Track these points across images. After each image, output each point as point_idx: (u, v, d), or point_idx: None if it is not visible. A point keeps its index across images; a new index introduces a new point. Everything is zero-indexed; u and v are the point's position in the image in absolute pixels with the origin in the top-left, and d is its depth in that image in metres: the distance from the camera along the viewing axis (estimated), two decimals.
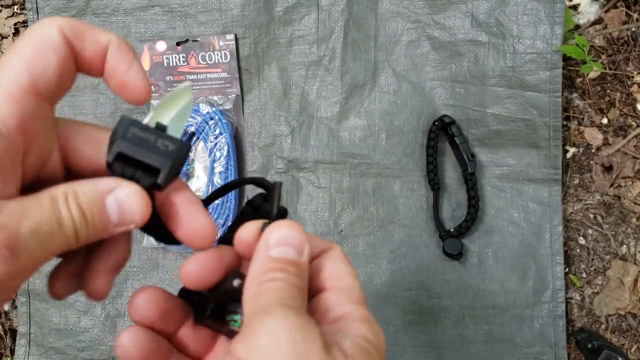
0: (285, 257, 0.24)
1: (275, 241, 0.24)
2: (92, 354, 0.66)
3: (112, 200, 0.22)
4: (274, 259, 0.24)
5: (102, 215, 0.22)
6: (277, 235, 0.24)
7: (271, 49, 0.66)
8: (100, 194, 0.22)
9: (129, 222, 0.23)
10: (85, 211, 0.22)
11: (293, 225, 0.25)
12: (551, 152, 0.64)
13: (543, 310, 0.63)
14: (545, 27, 0.62)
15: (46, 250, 0.21)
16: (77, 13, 0.68)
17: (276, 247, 0.24)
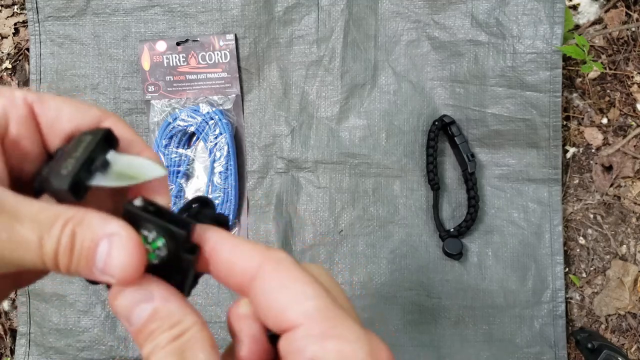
0: (142, 320, 0.21)
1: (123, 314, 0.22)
2: (92, 353, 0.66)
3: (104, 247, 0.21)
4: (137, 331, 0.22)
5: (90, 254, 0.21)
6: (119, 308, 0.22)
7: (271, 49, 0.66)
8: (100, 234, 0.21)
9: (110, 275, 0.21)
10: (77, 242, 0.20)
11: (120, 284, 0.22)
12: (551, 152, 0.64)
13: (543, 310, 0.63)
14: (545, 27, 0.62)
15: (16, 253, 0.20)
16: (77, 13, 0.68)
17: (129, 317, 0.22)
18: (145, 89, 0.67)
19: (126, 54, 0.68)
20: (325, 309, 0.21)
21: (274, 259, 0.23)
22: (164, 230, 0.22)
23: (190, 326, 0.22)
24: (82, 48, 0.68)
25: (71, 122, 0.23)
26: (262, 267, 0.22)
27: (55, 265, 0.20)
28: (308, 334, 0.21)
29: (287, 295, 0.22)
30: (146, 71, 0.67)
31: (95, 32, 0.68)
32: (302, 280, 0.22)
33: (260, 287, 0.22)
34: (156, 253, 0.22)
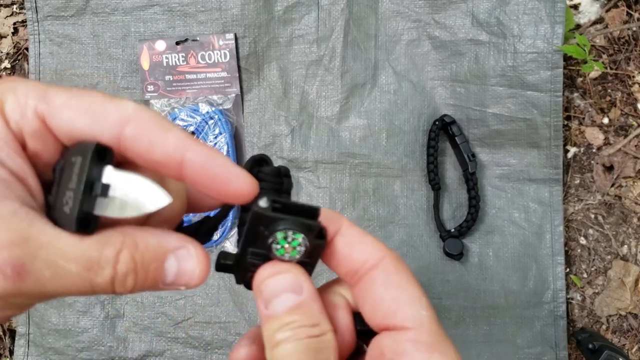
0: (283, 308, 0.22)
1: (267, 295, 0.23)
2: (91, 354, 0.66)
3: (173, 262, 0.21)
4: (273, 316, 0.22)
5: (157, 273, 0.21)
6: (266, 287, 0.23)
7: (271, 49, 0.66)
8: (164, 252, 0.21)
9: (183, 284, 0.22)
10: (139, 266, 0.20)
11: (276, 266, 0.23)
12: (552, 152, 0.64)
13: (544, 310, 0.63)
14: (546, 26, 0.62)
15: (61, 287, 0.19)
16: (76, 12, 0.68)
17: (270, 301, 0.22)
18: (144, 89, 0.67)
19: (125, 54, 0.68)
20: (436, 323, 0.22)
21: (395, 256, 0.24)
22: (300, 226, 0.22)
23: (327, 331, 0.22)
24: (82, 47, 0.68)
25: (88, 133, 0.21)
26: (385, 261, 0.23)
27: (112, 290, 0.20)
28: (417, 340, 0.22)
29: (404, 296, 0.22)
30: (145, 71, 0.67)
31: (94, 32, 0.68)
32: (418, 287, 0.23)
33: (379, 278, 0.23)
34: (297, 249, 0.22)
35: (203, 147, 0.20)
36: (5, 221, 0.18)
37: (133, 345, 0.65)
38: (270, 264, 0.23)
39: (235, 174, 0.21)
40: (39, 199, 0.21)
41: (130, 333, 0.66)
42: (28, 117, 0.20)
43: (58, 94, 0.20)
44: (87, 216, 0.20)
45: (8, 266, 0.18)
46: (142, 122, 0.20)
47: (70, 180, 0.20)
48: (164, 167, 0.20)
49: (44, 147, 0.21)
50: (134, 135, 0.20)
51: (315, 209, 0.23)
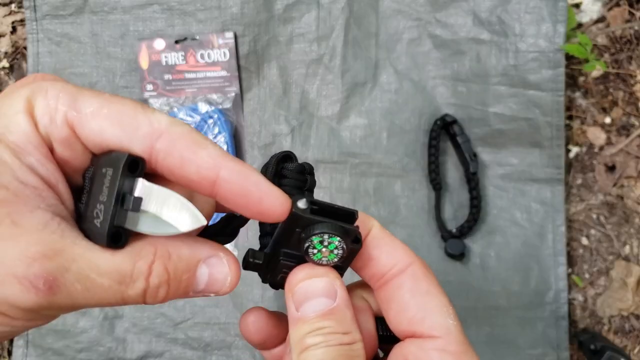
0: (315, 313, 0.22)
1: (300, 297, 0.22)
2: (90, 354, 0.65)
3: (204, 270, 0.21)
4: (305, 319, 0.22)
5: (190, 282, 0.21)
6: (300, 290, 0.22)
7: (271, 47, 0.66)
8: (197, 261, 0.21)
9: (214, 292, 0.21)
10: (172, 277, 0.20)
11: (312, 268, 0.22)
12: (554, 152, 0.63)
13: (546, 311, 0.63)
14: (548, 25, 0.62)
15: (92, 300, 0.19)
16: (75, 11, 0.67)
17: (303, 304, 0.22)
18: (143, 88, 0.67)
19: (124, 53, 0.67)
20: (462, 333, 0.23)
21: (423, 262, 0.23)
22: (338, 230, 0.22)
23: (358, 340, 0.22)
24: (80, 46, 0.68)
25: (118, 144, 0.20)
26: (413, 267, 0.23)
27: (143, 301, 0.20)
28: (443, 349, 0.22)
29: (432, 304, 0.22)
30: (144, 70, 0.66)
31: (93, 31, 0.67)
32: (445, 295, 0.23)
33: (406, 283, 0.23)
34: (335, 253, 0.22)
35: (236, 165, 0.20)
36: (37, 233, 0.18)
37: (132, 345, 0.65)
38: (307, 267, 0.23)
39: (268, 193, 0.20)
40: (70, 206, 0.21)
41: (130, 334, 0.65)
42: (57, 124, 0.20)
43: (89, 101, 0.20)
44: (118, 231, 0.20)
45: (40, 280, 0.18)
46: (175, 137, 0.20)
47: (101, 192, 0.20)
48: (196, 185, 0.20)
49: (72, 155, 0.20)
50: (165, 150, 0.20)
51: (353, 212, 0.23)
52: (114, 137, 0.20)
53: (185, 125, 0.20)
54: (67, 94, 0.20)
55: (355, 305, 0.24)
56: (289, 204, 0.21)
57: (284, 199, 0.21)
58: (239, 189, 0.20)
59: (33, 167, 0.19)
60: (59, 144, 0.20)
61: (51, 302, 0.18)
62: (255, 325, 0.25)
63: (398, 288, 0.23)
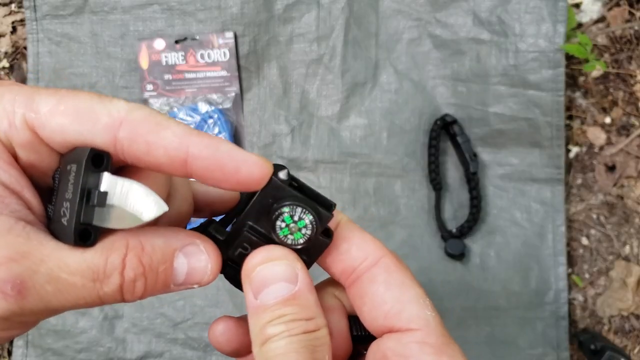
0: (275, 299, 0.20)
1: (258, 283, 0.21)
2: (90, 355, 0.65)
3: (182, 260, 0.20)
4: (264, 307, 0.20)
5: (167, 274, 0.20)
6: (258, 275, 0.21)
7: (271, 47, 0.66)
8: (172, 251, 0.20)
9: (195, 282, 0.20)
10: (148, 269, 0.19)
11: (270, 250, 0.21)
12: (554, 152, 0.63)
13: (546, 311, 0.63)
14: (548, 25, 0.62)
15: (66, 301, 0.18)
16: (75, 11, 0.67)
17: (262, 290, 0.20)
18: (143, 88, 0.67)
19: (124, 53, 0.67)
20: (441, 325, 0.21)
21: (395, 255, 0.22)
22: (312, 207, 0.20)
23: (323, 325, 0.21)
24: (80, 46, 0.68)
25: (81, 140, 0.19)
26: (385, 259, 0.22)
27: (121, 298, 0.19)
28: (423, 342, 0.21)
29: (408, 296, 0.21)
30: (144, 70, 0.66)
31: (93, 31, 0.67)
32: (420, 287, 0.22)
33: (379, 277, 0.21)
34: (302, 232, 0.21)
35: (204, 138, 0.19)
36: (1, 237, 0.18)
37: (132, 346, 0.65)
38: (265, 248, 0.21)
39: (244, 160, 0.19)
40: (38, 211, 0.20)
41: (129, 334, 0.65)
42: (17, 127, 0.19)
43: (45, 100, 0.19)
44: (86, 228, 0.19)
45: (8, 284, 0.17)
46: (136, 123, 0.19)
47: (67, 190, 0.19)
48: (167, 167, 0.19)
49: (38, 157, 0.20)
50: (129, 138, 0.19)
51: (332, 202, 0.21)
52: (75, 133, 0.19)
53: (144, 108, 0.19)
54: (23, 96, 0.19)
55: (327, 304, 0.23)
56: (270, 167, 0.20)
57: (263, 162, 0.20)
58: (212, 163, 0.19)
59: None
60: (21, 148, 0.19)
61: (22, 307, 0.18)
62: (225, 336, 0.24)
63: (371, 282, 0.21)
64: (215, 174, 0.19)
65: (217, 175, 0.19)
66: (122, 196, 0.19)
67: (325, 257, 0.23)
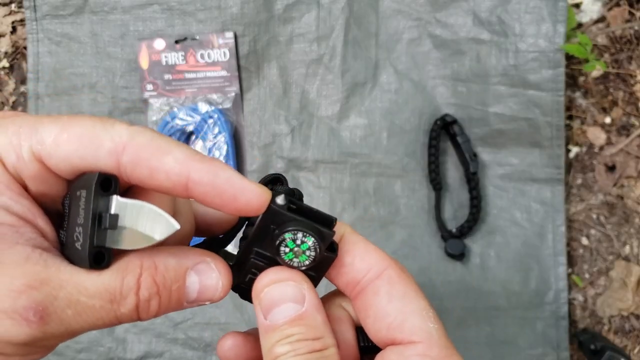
0: (283, 320, 0.21)
1: (267, 304, 0.21)
2: (90, 355, 0.65)
3: (194, 278, 0.21)
4: (273, 327, 0.21)
5: (180, 292, 0.20)
6: (266, 296, 0.21)
7: (271, 47, 0.66)
8: (184, 269, 0.20)
9: (207, 299, 0.21)
10: (162, 288, 0.20)
11: (277, 272, 0.22)
12: (554, 152, 0.63)
13: (546, 311, 0.63)
14: (548, 25, 0.62)
15: (86, 323, 0.19)
16: (75, 11, 0.67)
17: (271, 310, 0.21)
18: (143, 88, 0.67)
19: (124, 53, 0.67)
20: (445, 337, 0.21)
21: (399, 266, 0.22)
22: (312, 229, 0.21)
23: (330, 345, 0.21)
24: (80, 46, 0.68)
25: (85, 166, 0.20)
26: (388, 271, 0.22)
27: (137, 317, 0.20)
28: (425, 355, 0.20)
29: (411, 306, 0.21)
30: (144, 70, 0.66)
31: (93, 31, 0.67)
32: (424, 298, 0.22)
33: (383, 289, 0.21)
34: (306, 254, 0.21)
35: (205, 164, 0.19)
36: (19, 266, 0.18)
37: (132, 346, 0.65)
38: (272, 270, 0.22)
39: (242, 188, 0.20)
40: (52, 237, 0.20)
41: (129, 334, 0.65)
42: (25, 160, 0.19)
43: (48, 129, 0.19)
44: (100, 250, 0.19)
45: (30, 312, 0.18)
46: (138, 148, 0.19)
47: (78, 215, 0.19)
48: (170, 190, 0.20)
49: (47, 186, 0.20)
50: (132, 162, 0.19)
51: (332, 218, 0.22)
52: (80, 160, 0.19)
53: (147, 132, 0.20)
54: (27, 127, 0.19)
55: (334, 315, 0.23)
56: (268, 196, 0.21)
57: (261, 191, 0.20)
58: (211, 189, 0.19)
59: (7, 207, 0.19)
60: (31, 179, 0.20)
61: (45, 332, 0.18)
62: (233, 351, 0.24)
63: (374, 294, 0.22)
64: (215, 200, 0.20)
65: (217, 201, 0.20)
66: (133, 217, 0.20)
67: (331, 270, 0.23)
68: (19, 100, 0.72)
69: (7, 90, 0.73)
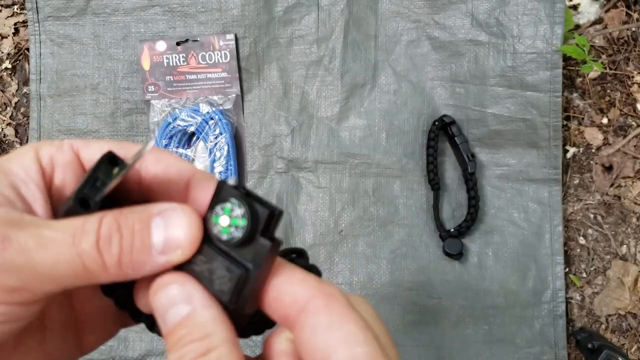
0: (174, 322, 0.20)
1: (160, 311, 0.20)
2: (92, 354, 0.66)
3: (160, 223, 0.20)
4: (169, 332, 0.20)
5: (144, 235, 0.20)
6: (157, 303, 0.20)
7: (271, 49, 0.66)
8: (149, 214, 0.20)
9: (176, 247, 0.20)
10: (123, 226, 0.19)
11: (162, 278, 0.20)
12: (551, 152, 0.64)
13: (543, 310, 0.63)
14: (546, 27, 0.62)
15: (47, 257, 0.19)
16: (77, 13, 0.68)
17: (164, 317, 0.20)
18: (145, 89, 0.67)
19: (126, 54, 0.68)
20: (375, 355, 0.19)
21: (326, 293, 0.20)
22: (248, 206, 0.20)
23: (219, 343, 0.19)
24: (82, 48, 0.68)
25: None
26: (313, 301, 0.20)
27: (101, 262, 0.19)
28: None
29: (336, 336, 0.20)
30: (146, 71, 0.67)
31: (95, 32, 0.68)
32: (353, 322, 0.20)
33: (307, 322, 0.20)
34: (231, 230, 0.20)
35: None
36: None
37: (134, 344, 0.66)
38: (158, 277, 0.20)
39: None
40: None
41: (131, 332, 0.66)
42: (64, 151, 0.22)
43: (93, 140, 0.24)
44: (86, 197, 0.20)
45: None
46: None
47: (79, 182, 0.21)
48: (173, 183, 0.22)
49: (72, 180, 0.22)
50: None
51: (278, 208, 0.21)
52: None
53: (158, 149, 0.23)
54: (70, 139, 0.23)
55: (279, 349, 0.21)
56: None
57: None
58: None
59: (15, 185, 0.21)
60: (61, 168, 0.22)
61: (4, 259, 0.18)
62: None
63: (301, 330, 0.20)
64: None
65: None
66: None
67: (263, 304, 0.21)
68: (22, 101, 0.73)
69: (9, 92, 0.73)
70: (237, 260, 0.20)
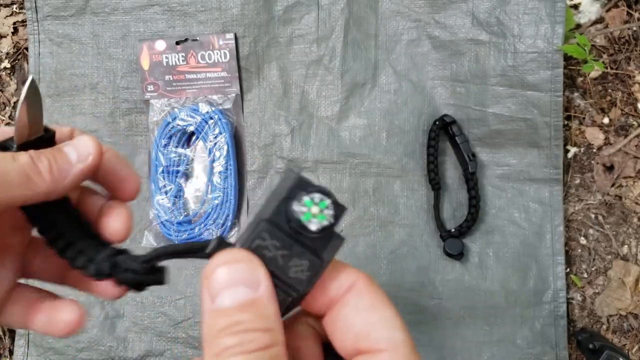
0: (233, 303, 0.19)
1: (216, 285, 0.19)
2: (91, 354, 0.66)
3: (70, 147, 0.24)
4: (221, 311, 0.19)
5: (63, 154, 0.24)
6: (217, 276, 0.19)
7: (271, 48, 0.66)
8: (58, 147, 0.24)
9: (86, 155, 0.24)
10: (47, 154, 0.23)
11: (233, 252, 0.20)
12: (552, 152, 0.64)
13: (544, 310, 0.63)
14: (546, 26, 0.62)
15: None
16: (76, 12, 0.68)
17: (220, 293, 0.19)
18: (144, 89, 0.67)
19: (125, 54, 0.68)
20: (410, 346, 0.21)
21: (368, 277, 0.22)
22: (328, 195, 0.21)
23: (280, 341, 0.19)
24: (81, 47, 0.68)
25: None
26: (356, 284, 0.22)
27: (37, 170, 0.23)
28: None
29: (377, 318, 0.21)
30: (145, 70, 0.67)
31: (94, 32, 0.68)
32: (391, 308, 0.22)
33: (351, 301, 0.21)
34: (325, 213, 0.21)
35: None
36: None
37: (133, 345, 0.65)
38: (228, 251, 0.20)
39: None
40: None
41: (130, 333, 0.66)
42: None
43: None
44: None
45: None
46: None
47: None
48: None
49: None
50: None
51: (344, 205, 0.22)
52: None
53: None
54: None
55: (300, 332, 0.23)
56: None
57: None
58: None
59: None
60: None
61: None
62: None
63: (342, 307, 0.21)
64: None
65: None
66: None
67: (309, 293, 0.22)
68: None
69: (8, 91, 0.73)
70: (313, 249, 0.21)
